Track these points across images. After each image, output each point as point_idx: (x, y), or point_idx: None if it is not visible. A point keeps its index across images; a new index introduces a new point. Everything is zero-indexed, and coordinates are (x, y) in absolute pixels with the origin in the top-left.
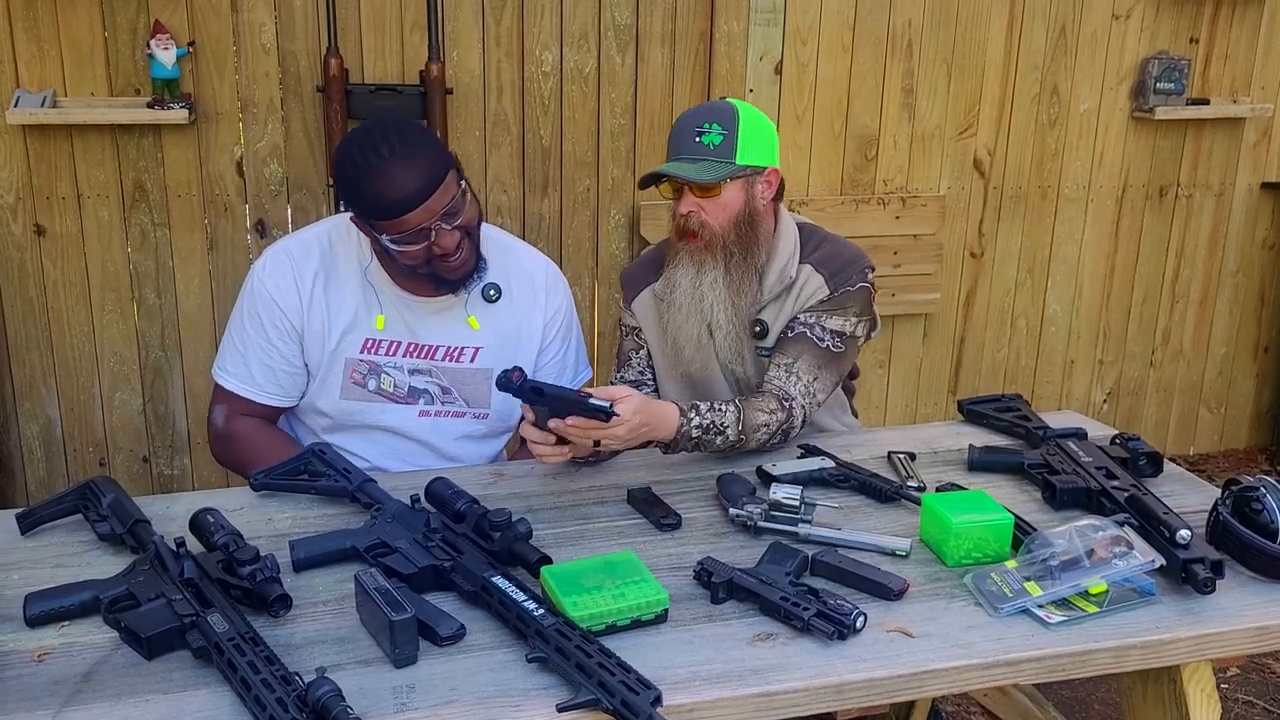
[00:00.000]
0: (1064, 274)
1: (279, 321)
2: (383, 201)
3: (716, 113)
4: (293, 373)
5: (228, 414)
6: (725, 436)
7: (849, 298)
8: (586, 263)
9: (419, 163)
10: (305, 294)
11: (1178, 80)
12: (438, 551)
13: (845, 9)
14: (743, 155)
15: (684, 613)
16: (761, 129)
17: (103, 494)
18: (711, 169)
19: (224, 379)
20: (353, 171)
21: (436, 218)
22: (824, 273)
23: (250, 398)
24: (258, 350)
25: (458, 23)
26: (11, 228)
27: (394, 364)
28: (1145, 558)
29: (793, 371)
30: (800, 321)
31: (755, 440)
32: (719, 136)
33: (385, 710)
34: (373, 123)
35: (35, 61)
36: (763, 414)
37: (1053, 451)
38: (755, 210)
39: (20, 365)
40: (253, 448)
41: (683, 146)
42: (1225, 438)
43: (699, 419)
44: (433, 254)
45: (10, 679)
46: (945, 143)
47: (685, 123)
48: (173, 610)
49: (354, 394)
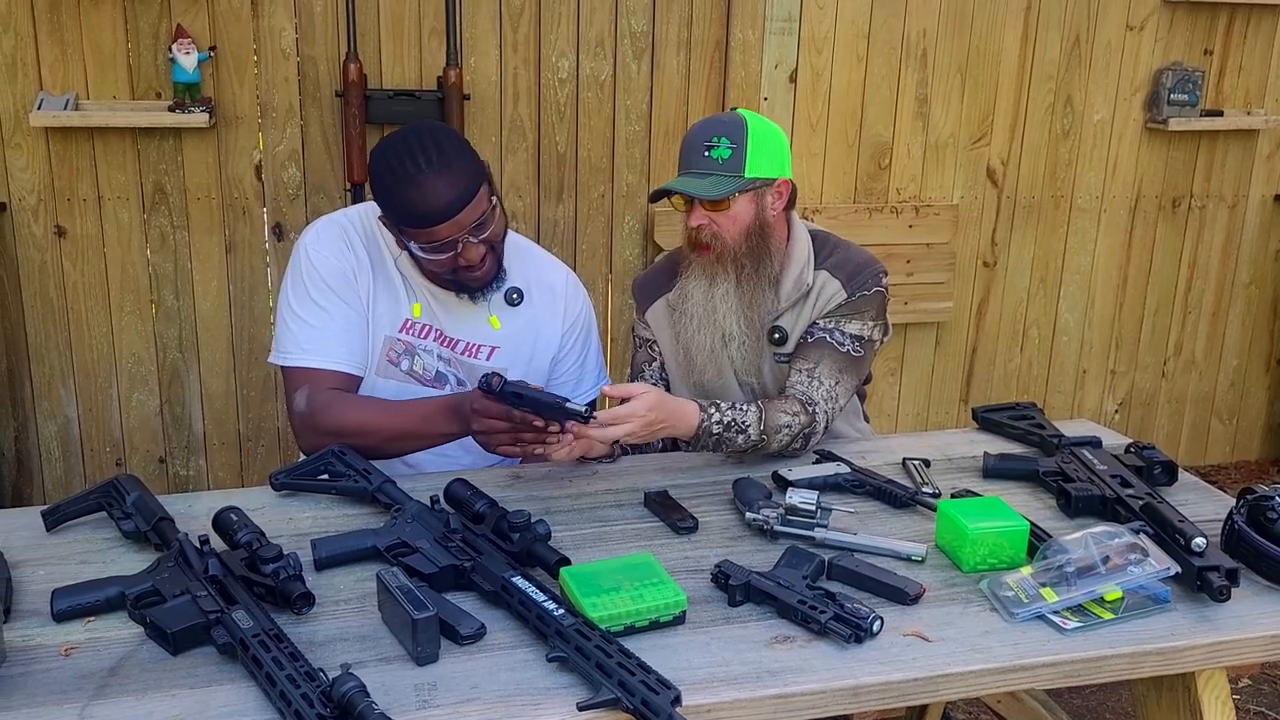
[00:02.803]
0: (1077, 284)
1: (347, 280)
2: (415, 212)
3: (725, 126)
4: (364, 334)
5: (310, 393)
6: (747, 435)
7: (866, 302)
8: (601, 268)
9: (454, 176)
10: (359, 259)
11: (1191, 92)
12: (458, 552)
13: (860, 18)
14: (752, 168)
15: (701, 615)
16: (770, 140)
17: (127, 492)
18: (720, 184)
19: (299, 359)
20: (389, 179)
21: (465, 231)
22: (840, 278)
23: (333, 368)
24: (331, 318)
25: (476, 29)
26: (33, 229)
27: (426, 347)
28: (1160, 565)
29: (815, 376)
30: (819, 327)
31: (777, 442)
32: (728, 150)
33: (408, 707)
34: (412, 129)
35: (58, 65)
36: (785, 415)
37: (1068, 459)
38: (766, 222)
39: (40, 365)
40: (354, 407)
41: (692, 161)
42: (1237, 449)
43: (720, 416)
44: (457, 264)
45: (38, 672)
46: (959, 152)
47: (694, 137)
48: (198, 606)
49: (387, 372)
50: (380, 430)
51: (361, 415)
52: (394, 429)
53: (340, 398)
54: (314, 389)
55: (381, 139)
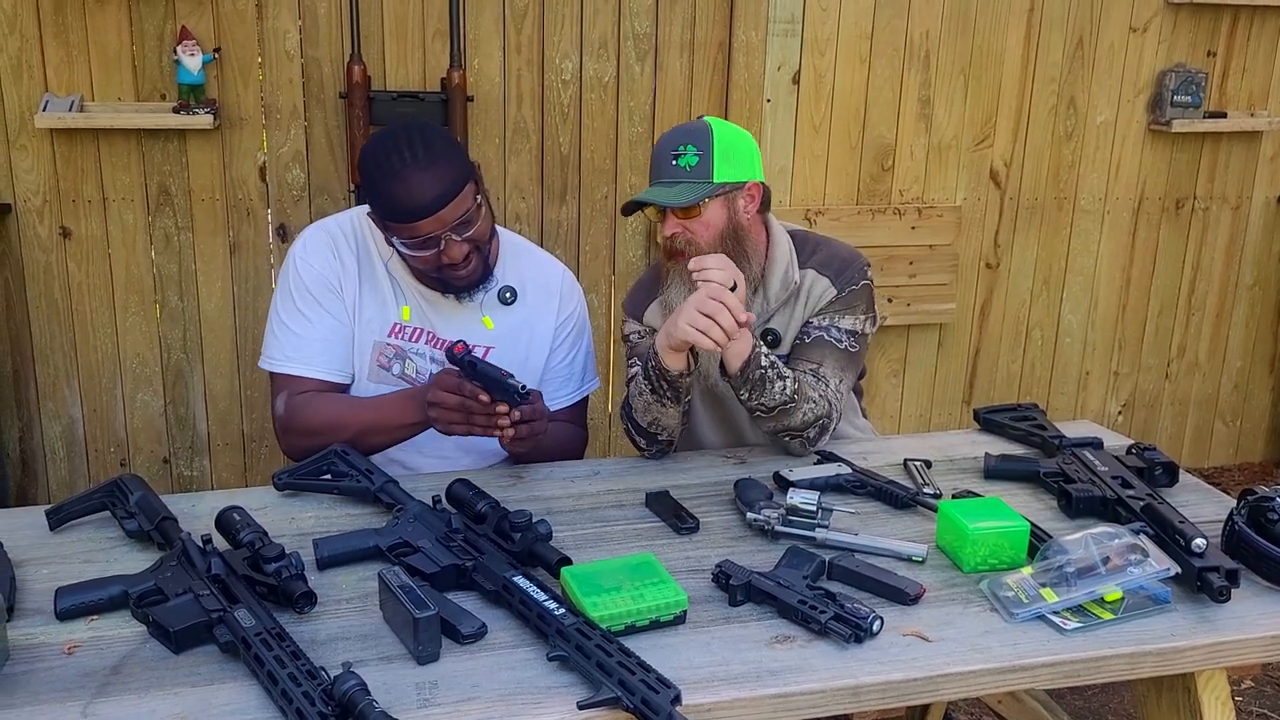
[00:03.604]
0: (1080, 286)
1: (331, 290)
2: (397, 206)
3: (691, 134)
4: (348, 343)
5: (288, 397)
6: (784, 385)
7: (855, 296)
8: (603, 270)
9: (437, 172)
10: (345, 267)
11: (1195, 93)
12: (459, 551)
13: (863, 20)
14: (720, 173)
15: (702, 614)
16: (737, 145)
17: (130, 491)
18: (688, 191)
19: (283, 365)
20: (375, 173)
21: (448, 228)
22: (828, 274)
23: (314, 375)
24: (314, 327)
25: (479, 31)
26: (38, 230)
27: (417, 350)
28: (1161, 565)
29: (820, 376)
30: (815, 325)
31: (803, 413)
32: (694, 158)
33: (409, 706)
34: (401, 125)
35: (64, 66)
36: (814, 393)
37: (1069, 460)
38: (740, 225)
39: (44, 366)
40: (323, 405)
41: (661, 170)
42: (1240, 451)
43: (768, 352)
44: (441, 262)
45: (41, 670)
46: (962, 153)
47: (662, 147)
48: (200, 605)
49: (379, 377)
50: (348, 425)
51: (330, 411)
52: (361, 423)
53: (312, 398)
54: (292, 394)
55: (372, 135)
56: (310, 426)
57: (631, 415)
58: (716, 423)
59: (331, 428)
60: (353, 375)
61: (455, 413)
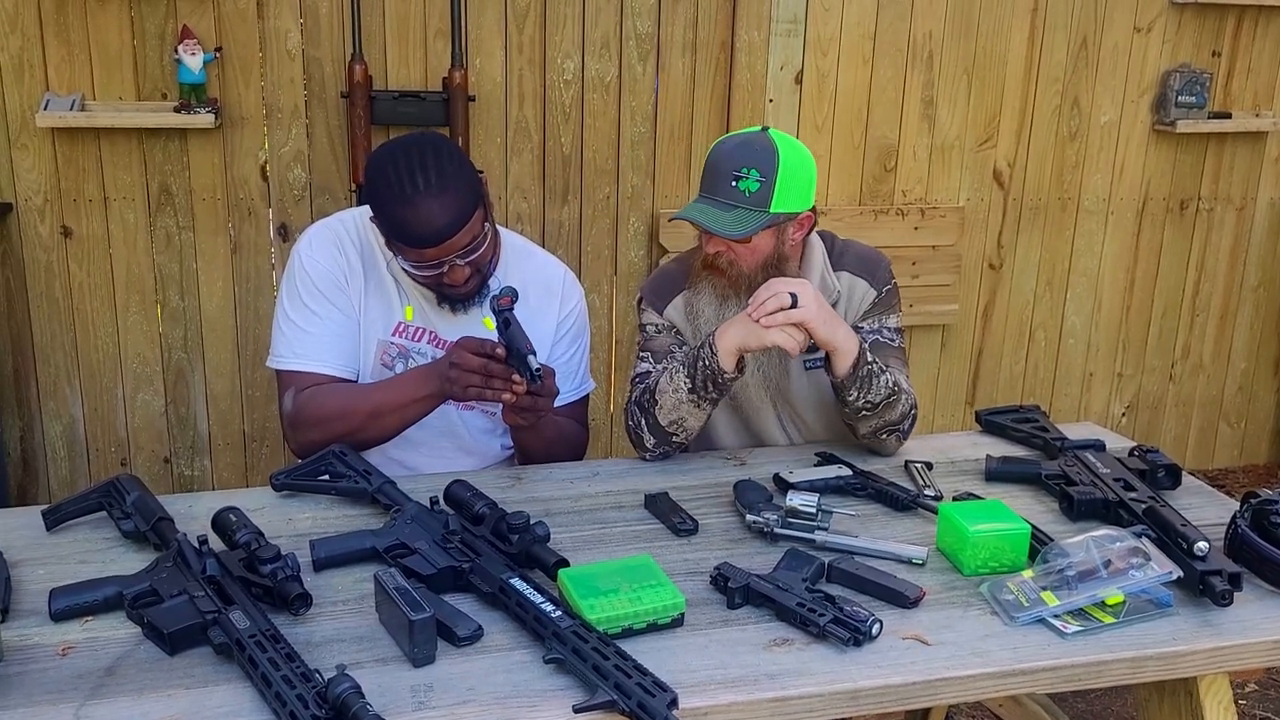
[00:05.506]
0: (1083, 286)
1: (337, 286)
2: (407, 232)
3: (757, 155)
4: (355, 338)
5: (295, 393)
6: (886, 379)
7: (891, 295)
8: (605, 270)
9: (448, 199)
10: (350, 265)
11: (1199, 93)
12: (456, 553)
13: (866, 20)
14: (778, 203)
15: (700, 617)
16: (799, 173)
17: (127, 492)
18: (744, 220)
19: (291, 362)
20: (385, 193)
21: (455, 254)
22: (865, 277)
23: (324, 372)
24: (323, 322)
25: (481, 30)
26: (39, 229)
27: (420, 350)
28: (1162, 569)
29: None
30: (868, 330)
31: (901, 405)
32: (756, 184)
33: (404, 709)
34: (413, 141)
35: (65, 65)
36: (906, 383)
37: (1070, 463)
38: (784, 254)
39: (45, 365)
40: (330, 394)
41: (717, 187)
42: (1245, 453)
43: (869, 351)
44: (441, 281)
45: (35, 672)
46: (965, 154)
47: (723, 162)
48: (195, 607)
49: (382, 375)
50: (359, 408)
51: (338, 399)
52: (372, 404)
53: (320, 389)
54: (300, 389)
55: (381, 145)
56: (319, 415)
57: (650, 412)
58: (735, 428)
59: (341, 414)
60: (358, 371)
61: (475, 375)
